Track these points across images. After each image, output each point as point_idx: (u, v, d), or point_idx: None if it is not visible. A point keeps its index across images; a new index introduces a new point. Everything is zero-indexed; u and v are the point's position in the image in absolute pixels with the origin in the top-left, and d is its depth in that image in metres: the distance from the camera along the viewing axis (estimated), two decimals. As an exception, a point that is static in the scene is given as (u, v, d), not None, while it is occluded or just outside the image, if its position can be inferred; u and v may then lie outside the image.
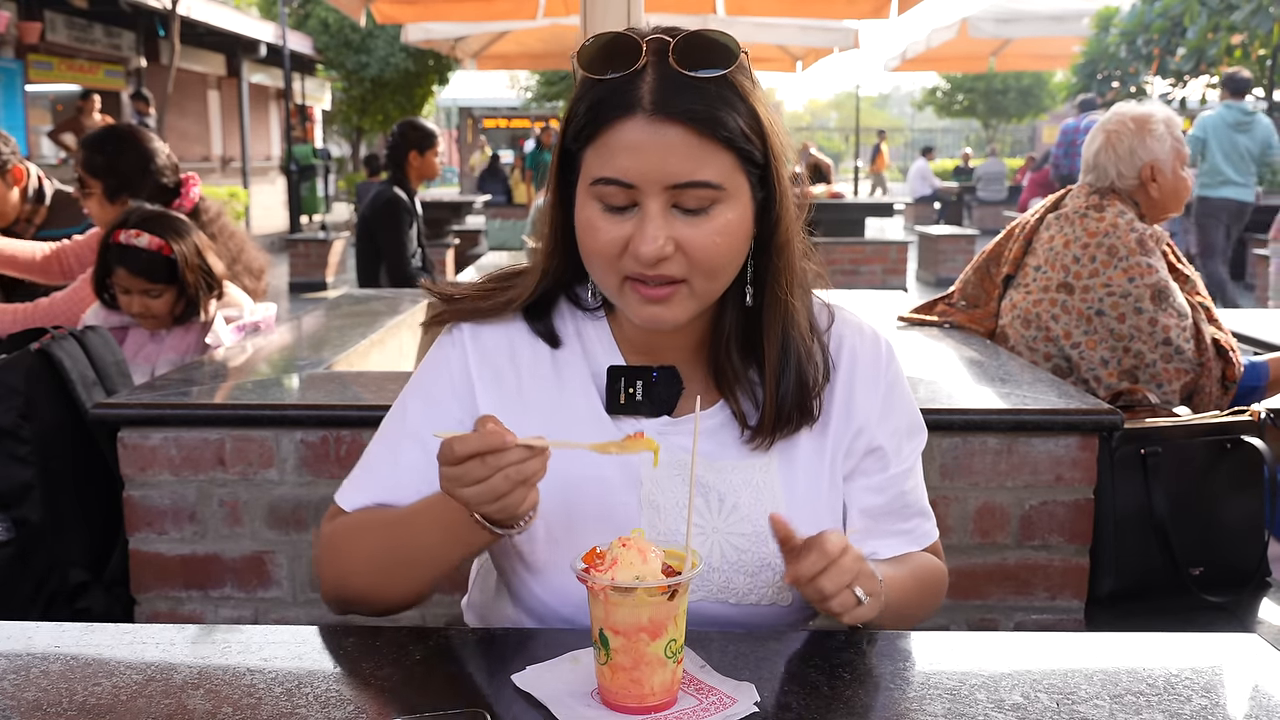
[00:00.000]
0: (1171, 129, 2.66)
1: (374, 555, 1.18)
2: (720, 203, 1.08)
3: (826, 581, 1.05)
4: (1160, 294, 2.52)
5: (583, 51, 1.09)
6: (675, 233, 1.07)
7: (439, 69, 20.68)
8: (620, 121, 1.06)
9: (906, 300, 3.45)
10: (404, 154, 4.92)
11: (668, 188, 1.06)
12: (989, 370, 2.41)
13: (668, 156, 1.05)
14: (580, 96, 1.10)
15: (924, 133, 41.37)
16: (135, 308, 2.65)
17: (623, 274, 1.10)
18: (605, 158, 1.07)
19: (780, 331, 1.18)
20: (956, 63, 15.57)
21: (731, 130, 1.06)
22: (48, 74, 14.27)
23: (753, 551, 1.18)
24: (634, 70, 1.06)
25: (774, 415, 1.18)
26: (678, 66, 1.06)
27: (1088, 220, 2.62)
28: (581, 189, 1.12)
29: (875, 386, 1.25)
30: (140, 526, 2.14)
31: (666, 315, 1.11)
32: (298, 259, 11.35)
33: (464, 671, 1.07)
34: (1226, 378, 2.57)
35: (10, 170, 3.28)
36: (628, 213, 1.08)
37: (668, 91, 1.05)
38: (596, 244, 1.10)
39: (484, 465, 0.99)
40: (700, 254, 1.08)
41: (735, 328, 1.18)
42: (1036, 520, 2.11)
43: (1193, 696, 0.99)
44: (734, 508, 1.19)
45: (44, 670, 1.03)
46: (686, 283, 1.10)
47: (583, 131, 1.10)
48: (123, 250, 2.61)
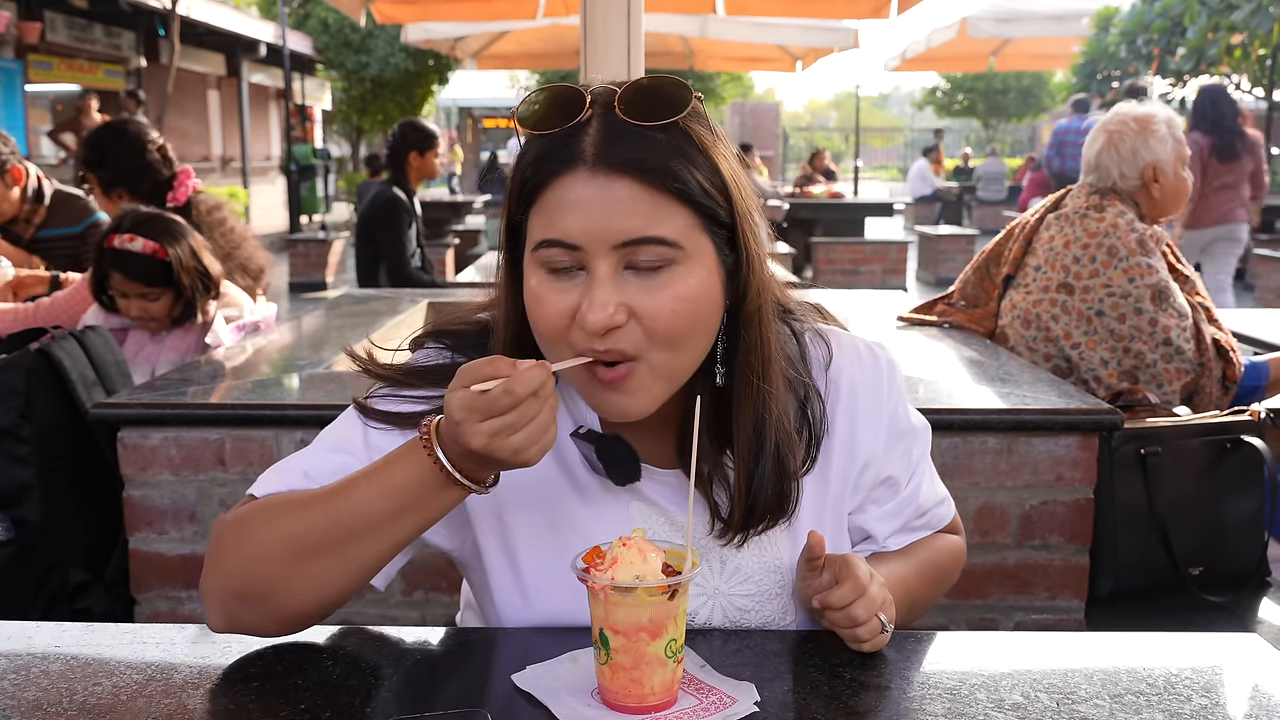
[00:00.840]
0: (1173, 130, 2.65)
1: (294, 536, 1.00)
2: (678, 264, 0.97)
3: (860, 609, 1.05)
4: (1160, 294, 2.52)
5: (523, 106, 1.00)
6: (628, 299, 0.96)
7: (439, 69, 20.67)
8: (561, 178, 0.97)
9: (906, 300, 3.45)
10: (404, 154, 4.93)
11: (616, 246, 0.96)
12: (989, 370, 2.41)
13: (614, 213, 0.95)
14: (521, 155, 1.01)
15: (923, 133, 41.41)
16: (134, 311, 2.66)
17: (575, 349, 0.98)
18: (547, 220, 0.98)
19: (753, 418, 1.06)
20: (956, 62, 15.57)
21: (687, 184, 0.96)
22: (47, 74, 14.27)
23: (756, 611, 1.15)
24: (577, 123, 0.97)
25: (744, 512, 1.08)
26: (624, 116, 0.96)
27: (1088, 220, 2.62)
28: (527, 258, 1.01)
29: (879, 416, 1.17)
30: (140, 526, 2.14)
31: (630, 405, 1.00)
32: (297, 259, 11.35)
33: (464, 671, 1.07)
34: (1227, 378, 2.57)
35: (9, 170, 3.28)
36: (575, 279, 0.98)
37: (612, 142, 0.96)
38: (543, 318, 0.99)
39: (538, 399, 0.91)
40: (656, 323, 0.97)
41: (707, 410, 1.04)
42: (1036, 520, 2.11)
43: (1193, 696, 0.99)
44: (736, 569, 1.14)
45: (44, 670, 1.03)
46: (642, 360, 0.98)
47: (523, 193, 1.00)
48: (117, 255, 2.61)
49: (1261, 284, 8.87)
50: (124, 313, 2.67)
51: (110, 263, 2.62)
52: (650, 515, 1.13)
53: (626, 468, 1.09)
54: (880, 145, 45.66)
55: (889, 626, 1.06)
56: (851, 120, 32.25)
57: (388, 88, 20.52)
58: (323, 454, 1.10)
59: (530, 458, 0.93)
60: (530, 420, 0.92)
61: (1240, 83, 14.91)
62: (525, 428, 0.92)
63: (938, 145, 21.35)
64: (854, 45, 8.14)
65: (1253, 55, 13.55)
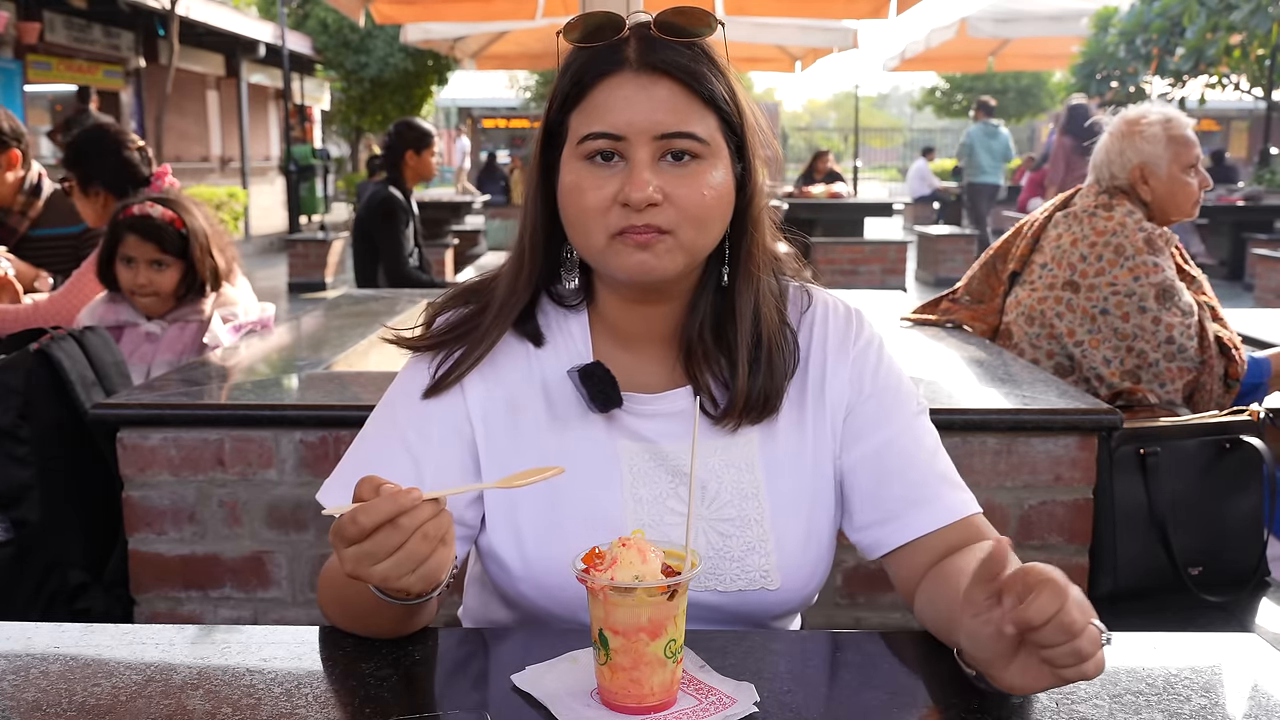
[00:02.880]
0: (1170, 131, 2.60)
1: (342, 609, 1.12)
2: (705, 159, 1.10)
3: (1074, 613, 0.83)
4: (1165, 293, 2.51)
5: (568, 27, 1.12)
6: (664, 183, 1.08)
7: (438, 69, 20.66)
8: (607, 79, 1.09)
9: (905, 300, 3.45)
10: (400, 153, 4.94)
11: (656, 138, 1.08)
12: (989, 370, 2.42)
13: (656, 108, 1.08)
14: (565, 67, 1.13)
15: (923, 133, 41.40)
16: (141, 279, 2.63)
17: (610, 230, 1.09)
18: (593, 115, 1.09)
19: (753, 310, 1.18)
20: (955, 63, 15.58)
21: (714, 91, 1.10)
22: (46, 74, 14.26)
23: (738, 537, 1.18)
24: (618, 38, 1.10)
25: (745, 396, 1.17)
26: (659, 33, 1.10)
27: (1096, 219, 2.61)
28: (567, 155, 1.12)
29: (844, 357, 1.23)
30: (140, 527, 2.14)
31: (655, 264, 1.10)
32: (297, 259, 11.33)
33: (464, 671, 1.07)
34: (1230, 375, 2.57)
35: (9, 151, 3.28)
36: (615, 168, 1.09)
37: (653, 50, 1.09)
38: (584, 201, 1.09)
39: (397, 530, 0.91)
40: (689, 203, 1.08)
41: (709, 311, 1.18)
42: (1036, 520, 2.11)
43: (1192, 696, 0.99)
44: (716, 494, 1.19)
45: (43, 671, 1.03)
46: (674, 234, 1.09)
47: (569, 96, 1.12)
48: (134, 220, 2.61)
49: (1260, 284, 8.88)
50: (128, 285, 2.64)
51: (125, 227, 2.61)
52: (637, 451, 1.19)
53: (608, 393, 1.17)
54: (879, 145, 45.64)
55: (1108, 633, 0.86)
56: (850, 120, 32.25)
57: (387, 88, 20.51)
58: (383, 453, 1.18)
59: (408, 585, 0.93)
60: (392, 551, 0.91)
61: (1239, 83, 14.92)
62: (388, 558, 0.91)
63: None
64: (853, 45, 8.15)
65: (1251, 55, 13.56)
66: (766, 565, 1.18)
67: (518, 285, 1.20)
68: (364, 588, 1.01)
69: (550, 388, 1.21)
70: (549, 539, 1.16)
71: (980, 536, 1.19)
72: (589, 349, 1.22)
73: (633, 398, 1.19)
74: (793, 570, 1.19)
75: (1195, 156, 2.63)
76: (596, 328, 1.23)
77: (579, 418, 1.19)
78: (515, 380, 1.21)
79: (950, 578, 1.10)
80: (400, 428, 1.19)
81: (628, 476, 1.18)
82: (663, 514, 1.17)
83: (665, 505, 1.18)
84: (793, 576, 1.19)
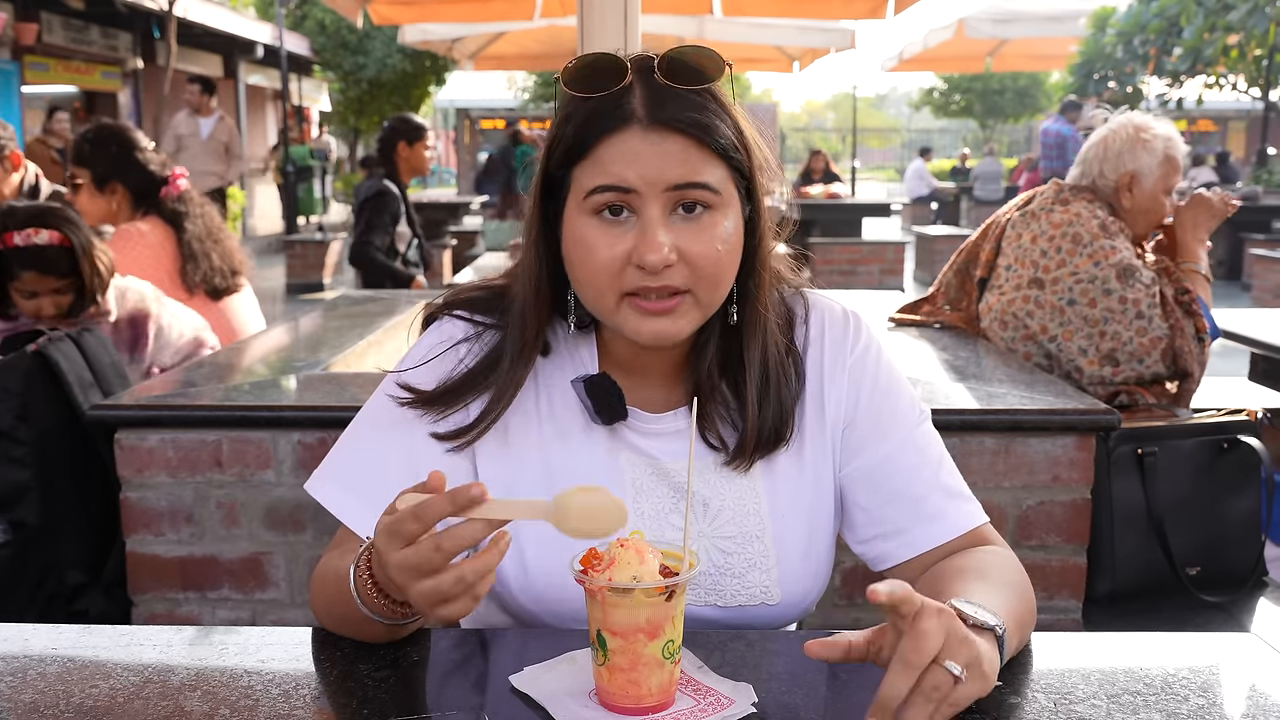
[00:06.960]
0: (1168, 150, 2.63)
1: (335, 618, 1.10)
2: (716, 210, 1.07)
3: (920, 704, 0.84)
4: (1125, 271, 2.51)
5: (567, 72, 1.08)
6: (677, 239, 1.06)
7: (436, 70, 20.65)
8: (614, 134, 1.05)
9: (904, 301, 3.45)
10: (393, 146, 4.97)
11: (667, 189, 1.05)
12: (986, 370, 2.42)
13: (666, 164, 1.05)
14: (567, 117, 1.09)
15: (921, 133, 41.43)
16: (47, 309, 2.50)
17: (621, 291, 1.07)
18: (599, 169, 1.06)
19: (760, 351, 1.16)
20: (953, 63, 15.57)
21: (724, 140, 1.07)
22: (44, 75, 14.25)
23: (739, 554, 1.18)
24: (622, 86, 1.06)
25: (755, 439, 1.16)
26: (665, 80, 1.06)
27: (1053, 214, 2.63)
28: (572, 207, 1.09)
29: (841, 366, 1.22)
30: (137, 528, 2.13)
31: (671, 329, 1.08)
32: (294, 260, 11.32)
33: (461, 672, 1.07)
34: (1199, 330, 2.56)
35: (9, 156, 3.29)
36: (625, 223, 1.06)
37: (661, 106, 1.05)
38: (595, 261, 1.06)
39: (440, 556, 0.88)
40: (704, 261, 1.06)
41: (717, 348, 1.17)
42: (1034, 520, 2.11)
43: (1190, 696, 0.99)
44: (719, 511, 1.18)
45: (41, 672, 1.03)
46: (690, 294, 1.08)
47: (573, 149, 1.08)
48: (26, 253, 2.44)
49: (1258, 284, 8.89)
50: (32, 314, 2.51)
51: (18, 263, 2.44)
52: (639, 465, 1.18)
53: (613, 405, 1.16)
54: (877, 146, 45.70)
55: (962, 674, 0.85)
56: (849, 121, 32.25)
57: (385, 89, 20.49)
58: (358, 457, 1.18)
59: (428, 614, 0.91)
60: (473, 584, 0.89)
61: (1237, 83, 14.93)
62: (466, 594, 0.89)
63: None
64: (851, 46, 8.14)
65: (1249, 55, 13.57)
66: (767, 581, 1.18)
67: (526, 336, 1.16)
68: (352, 598, 1.01)
69: (554, 399, 1.20)
70: (549, 552, 1.14)
71: (986, 544, 1.21)
72: (595, 364, 1.20)
73: (636, 414, 1.19)
74: (793, 584, 1.19)
75: (1177, 183, 2.67)
76: (603, 348, 1.21)
77: (582, 430, 1.19)
78: (520, 390, 1.20)
79: (941, 579, 1.11)
80: (402, 428, 1.18)
81: (630, 491, 1.18)
82: (664, 529, 1.17)
83: (667, 520, 1.18)
84: (793, 590, 1.19)
